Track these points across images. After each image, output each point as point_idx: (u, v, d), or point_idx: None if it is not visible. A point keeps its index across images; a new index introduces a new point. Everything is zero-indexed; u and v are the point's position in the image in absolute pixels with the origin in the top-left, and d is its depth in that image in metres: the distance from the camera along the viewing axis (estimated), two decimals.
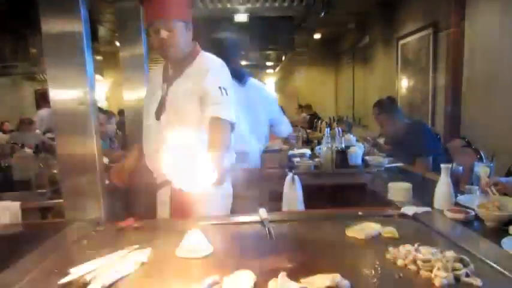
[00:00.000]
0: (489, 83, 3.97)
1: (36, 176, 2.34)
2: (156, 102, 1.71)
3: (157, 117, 1.71)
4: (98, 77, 7.20)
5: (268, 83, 10.57)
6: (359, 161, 2.80)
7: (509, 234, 1.24)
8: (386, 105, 3.26)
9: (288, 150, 3.04)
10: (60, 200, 1.67)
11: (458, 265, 1.02)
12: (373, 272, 1.06)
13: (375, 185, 2.31)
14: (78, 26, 1.56)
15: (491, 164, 1.85)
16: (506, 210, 1.40)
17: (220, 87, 1.72)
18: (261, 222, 1.49)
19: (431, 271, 1.01)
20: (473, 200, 1.58)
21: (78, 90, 1.59)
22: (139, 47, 2.37)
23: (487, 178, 1.68)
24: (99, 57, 5.80)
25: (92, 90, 1.62)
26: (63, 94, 1.59)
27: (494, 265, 1.05)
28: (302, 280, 0.97)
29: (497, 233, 1.28)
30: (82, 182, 1.62)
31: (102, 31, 6.77)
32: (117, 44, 2.45)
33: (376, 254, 1.17)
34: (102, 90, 9.65)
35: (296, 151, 3.29)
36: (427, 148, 2.92)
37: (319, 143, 3.71)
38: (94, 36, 5.32)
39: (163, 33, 1.59)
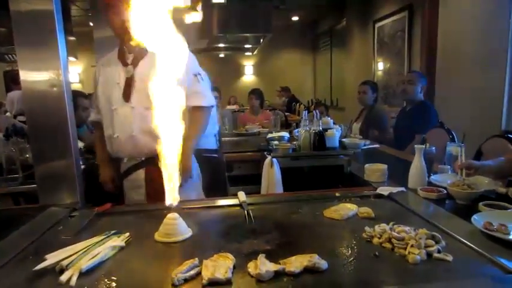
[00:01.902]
0: (460, 64, 4.06)
1: (7, 160, 2.26)
2: (118, 87, 1.72)
3: (127, 99, 1.70)
4: (71, 58, 6.95)
5: (246, 66, 10.51)
6: (336, 144, 2.84)
7: (479, 211, 1.29)
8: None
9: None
10: (34, 186, 1.62)
11: (430, 242, 1.05)
12: (350, 251, 1.09)
13: (351, 167, 2.35)
14: (48, 4, 1.50)
15: (463, 144, 1.90)
16: (476, 189, 1.45)
17: (195, 74, 1.79)
18: (240, 205, 1.50)
19: (405, 248, 1.04)
20: (446, 179, 1.63)
21: (50, 72, 1.53)
22: None
23: (460, 162, 1.73)
24: (72, 38, 5.59)
25: (65, 72, 1.56)
26: (34, 76, 1.53)
27: (465, 241, 1.10)
28: (281, 261, 0.98)
29: (467, 210, 1.32)
30: (56, 167, 1.58)
31: (75, 11, 6.53)
32: (91, 24, 2.37)
33: (352, 234, 1.20)
34: (76, 72, 9.39)
35: (275, 134, 3.30)
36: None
37: (297, 126, 3.73)
38: (67, 15, 5.11)
39: (126, 15, 1.55)
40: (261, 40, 5.54)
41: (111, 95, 1.73)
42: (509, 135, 2.44)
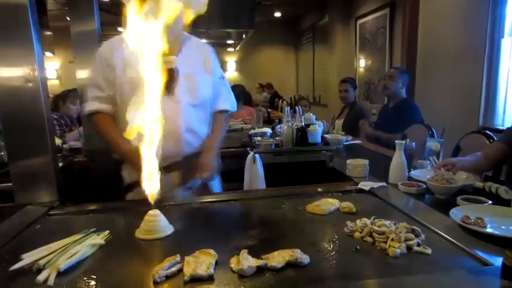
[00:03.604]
0: (440, 62, 4.13)
1: None
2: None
3: (170, 93, 1.60)
4: (48, 53, 6.78)
5: (229, 62, 10.46)
6: (319, 139, 2.85)
7: (457, 205, 1.31)
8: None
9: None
10: (9, 184, 1.58)
11: (410, 235, 1.07)
12: (331, 245, 1.09)
13: (334, 162, 2.37)
14: None
15: (442, 140, 1.94)
16: (454, 183, 1.48)
17: (222, 77, 1.83)
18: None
19: (386, 242, 1.06)
20: (425, 174, 1.65)
21: (25, 67, 1.49)
22: (91, 22, 2.25)
23: (437, 161, 1.77)
24: (48, 33, 5.45)
25: (40, 67, 1.52)
26: (7, 71, 1.48)
27: (443, 234, 1.12)
28: (263, 256, 0.98)
29: (446, 204, 1.35)
30: (33, 164, 1.54)
31: (51, 4, 6.37)
32: (68, 18, 2.31)
33: (334, 228, 1.21)
34: (54, 68, 9.17)
35: (257, 130, 3.30)
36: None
37: (280, 122, 3.74)
38: (42, 9, 4.97)
39: None
40: (244, 36, 5.53)
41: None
42: (486, 131, 2.51)
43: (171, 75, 1.59)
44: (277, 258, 0.96)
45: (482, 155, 1.77)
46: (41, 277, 0.93)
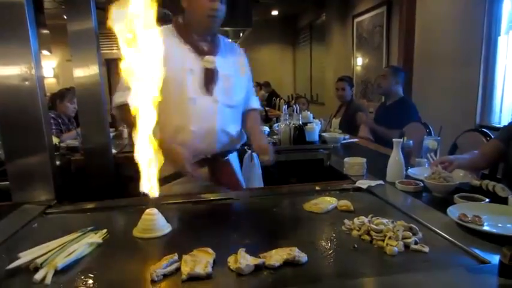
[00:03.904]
0: (437, 60, 4.14)
1: None
2: (191, 73, 1.57)
3: (209, 92, 1.60)
4: (45, 52, 6.74)
5: None
6: (316, 138, 2.86)
7: (454, 203, 1.32)
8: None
9: None
10: (6, 183, 1.57)
11: (407, 234, 1.07)
12: (329, 244, 1.10)
13: (331, 161, 2.37)
14: None
15: (439, 138, 1.95)
16: (451, 181, 1.48)
17: (251, 78, 1.89)
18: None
19: (383, 240, 1.06)
20: (423, 172, 1.66)
21: (22, 66, 1.48)
22: (88, 21, 2.24)
23: (435, 158, 1.77)
24: (45, 31, 5.42)
25: (37, 66, 1.51)
26: (4, 69, 1.47)
27: (441, 232, 1.12)
28: (261, 255, 0.98)
29: (443, 202, 1.35)
30: (30, 163, 1.53)
31: (48, 3, 6.34)
32: (65, 17, 2.29)
33: (332, 227, 1.21)
34: (51, 66, 9.13)
35: None
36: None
37: (277, 121, 3.74)
38: (39, 7, 4.94)
39: (219, 4, 1.56)
40: (241, 34, 5.51)
41: (183, 81, 1.56)
42: (483, 130, 2.51)
43: (211, 76, 1.61)
44: (275, 256, 0.96)
45: (479, 153, 1.77)
46: (38, 276, 0.92)
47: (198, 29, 1.62)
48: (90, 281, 0.93)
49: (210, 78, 1.60)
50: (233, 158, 1.84)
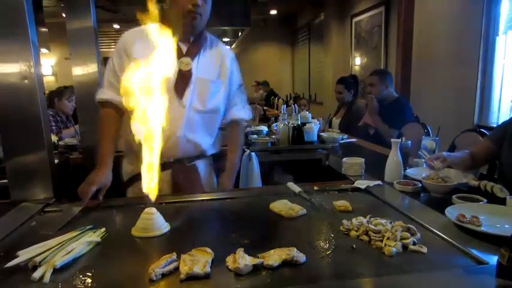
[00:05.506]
0: (435, 61, 4.15)
1: None
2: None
3: (180, 96, 1.55)
4: (44, 50, 6.71)
5: None
6: (315, 138, 2.86)
7: (452, 204, 1.32)
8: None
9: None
10: (4, 181, 1.57)
11: (406, 234, 1.07)
12: (327, 244, 1.10)
13: (329, 161, 2.37)
14: None
15: (437, 138, 1.95)
16: (449, 182, 1.49)
17: (240, 85, 1.79)
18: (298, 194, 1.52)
19: (381, 241, 1.06)
20: (421, 172, 1.66)
21: (21, 64, 1.48)
22: (87, 19, 2.23)
23: (428, 155, 1.78)
24: (44, 29, 5.41)
25: (36, 64, 1.51)
26: (4, 68, 1.47)
27: (439, 233, 1.12)
28: (259, 255, 0.98)
29: (441, 202, 1.35)
30: (29, 161, 1.53)
31: (46, 1, 6.31)
32: (64, 15, 2.29)
33: (330, 227, 1.21)
34: (49, 64, 9.11)
35: (253, 128, 3.30)
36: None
37: (276, 120, 3.73)
38: (38, 5, 4.93)
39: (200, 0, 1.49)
40: (240, 34, 5.50)
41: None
42: (481, 130, 2.52)
43: (184, 78, 1.56)
44: (274, 256, 0.97)
45: (468, 153, 1.77)
46: (36, 274, 0.92)
47: (178, 28, 1.55)
48: (89, 280, 0.92)
49: (182, 80, 1.55)
50: (202, 164, 1.76)
